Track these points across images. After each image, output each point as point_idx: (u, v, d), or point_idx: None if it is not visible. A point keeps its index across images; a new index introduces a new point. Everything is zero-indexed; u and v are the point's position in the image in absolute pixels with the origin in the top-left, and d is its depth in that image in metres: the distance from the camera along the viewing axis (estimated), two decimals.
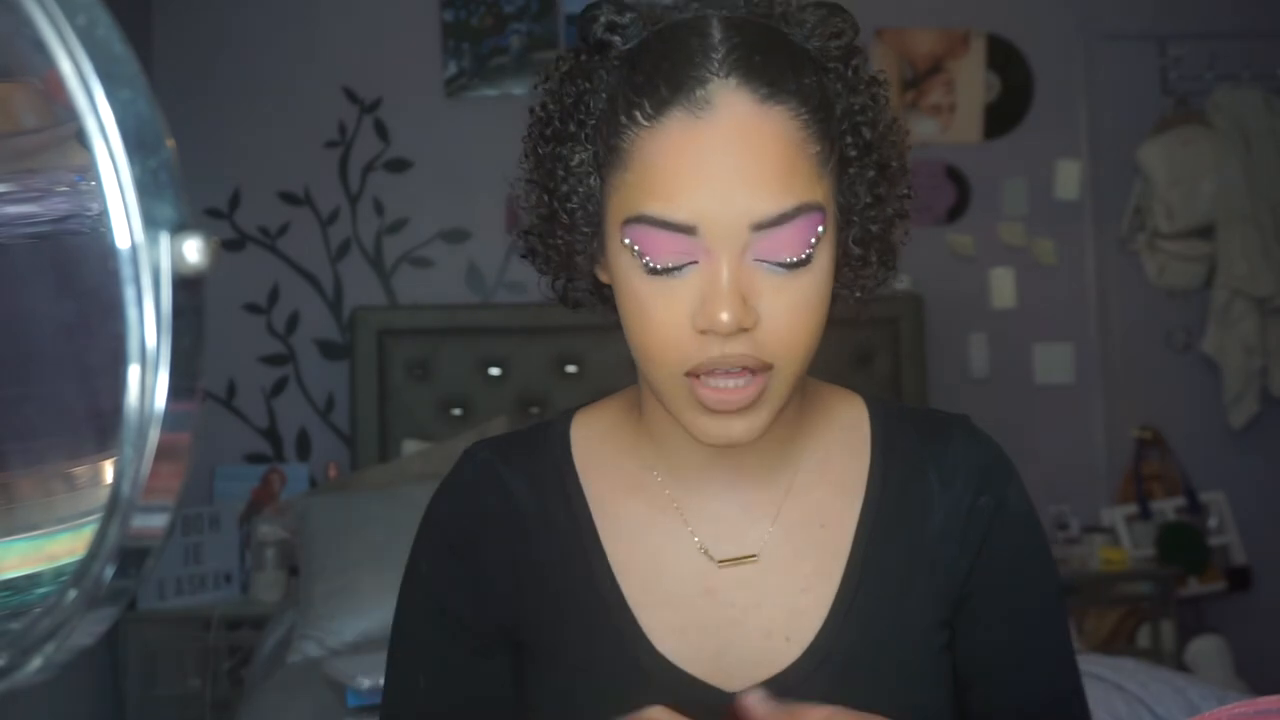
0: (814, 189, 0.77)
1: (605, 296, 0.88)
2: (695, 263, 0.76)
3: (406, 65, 3.54)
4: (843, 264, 0.84)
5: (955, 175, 3.73)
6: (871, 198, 0.81)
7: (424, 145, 3.53)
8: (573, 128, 0.81)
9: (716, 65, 0.76)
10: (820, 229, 0.77)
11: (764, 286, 0.76)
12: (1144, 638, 3.43)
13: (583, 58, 0.82)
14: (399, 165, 3.54)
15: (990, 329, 3.70)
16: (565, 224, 0.83)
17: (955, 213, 3.73)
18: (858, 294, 0.87)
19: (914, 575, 0.90)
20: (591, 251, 0.84)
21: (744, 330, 0.75)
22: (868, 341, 3.41)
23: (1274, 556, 3.71)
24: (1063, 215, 3.77)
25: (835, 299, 0.86)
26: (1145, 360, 3.78)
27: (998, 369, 3.69)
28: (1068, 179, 3.78)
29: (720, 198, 0.74)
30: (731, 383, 0.77)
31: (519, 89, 3.54)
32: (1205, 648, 3.48)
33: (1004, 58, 3.76)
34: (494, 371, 3.35)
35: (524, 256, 0.90)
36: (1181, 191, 3.68)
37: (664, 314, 0.77)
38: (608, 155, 0.79)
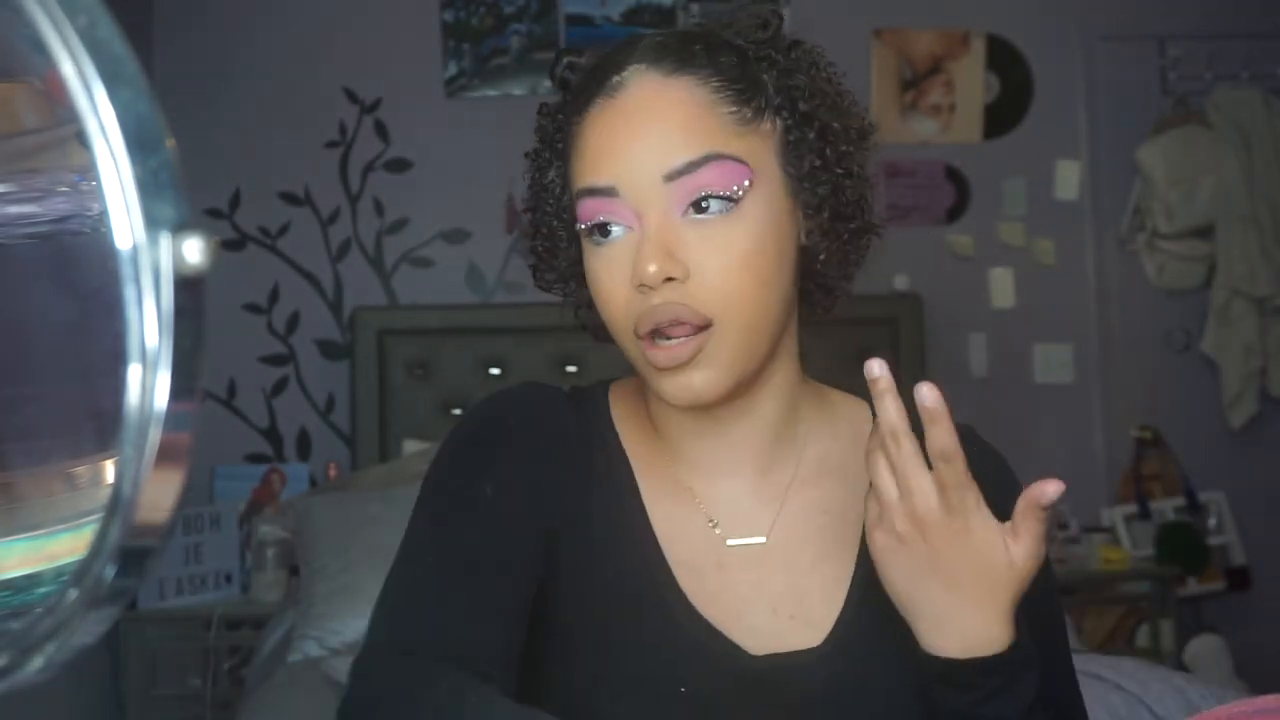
0: (730, 144, 0.83)
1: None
2: (631, 229, 0.83)
3: (406, 65, 3.55)
4: (808, 233, 0.89)
5: (955, 175, 3.73)
6: (819, 160, 0.87)
7: (424, 145, 3.53)
8: (547, 154, 0.92)
9: (633, 57, 0.86)
10: (746, 182, 0.83)
11: (693, 239, 0.82)
12: (1143, 637, 3.43)
13: (557, 98, 0.93)
14: (399, 165, 3.54)
15: (990, 329, 3.70)
16: (545, 234, 0.94)
17: (955, 213, 3.73)
18: (824, 257, 0.90)
19: None
20: (571, 256, 0.92)
21: (672, 280, 0.81)
22: (868, 341, 3.41)
23: (1273, 556, 3.72)
24: (1062, 215, 3.77)
25: (821, 283, 0.92)
26: (1145, 360, 3.78)
27: (997, 369, 3.69)
28: (1067, 179, 3.78)
29: (633, 157, 0.82)
30: (675, 340, 0.82)
31: (519, 89, 3.55)
32: (1204, 647, 3.48)
33: (1004, 58, 3.76)
34: (494, 371, 3.35)
35: (541, 288, 0.98)
36: (1181, 191, 3.68)
37: (608, 279, 0.84)
38: (565, 162, 0.89)
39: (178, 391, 0.30)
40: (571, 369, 3.34)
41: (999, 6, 3.77)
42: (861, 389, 1.01)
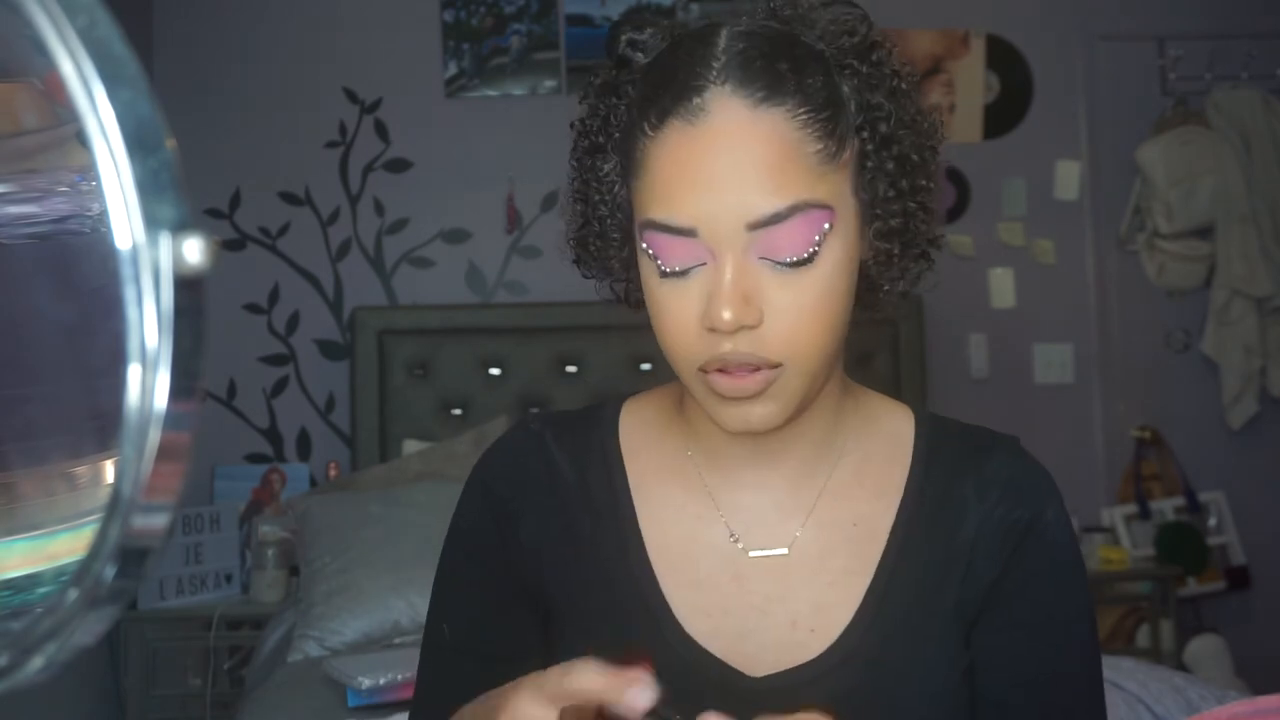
0: (815, 187, 0.79)
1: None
2: (704, 264, 0.79)
3: (406, 65, 3.55)
4: (871, 257, 0.86)
5: (955, 175, 3.73)
6: (893, 191, 0.84)
7: (424, 145, 3.53)
8: (602, 139, 0.87)
9: (714, 73, 0.79)
10: (826, 226, 0.79)
11: (768, 284, 0.79)
12: (1143, 637, 3.43)
13: (612, 73, 0.87)
14: (399, 165, 3.54)
15: (990, 329, 3.70)
16: (597, 230, 0.89)
17: (955, 213, 3.73)
18: (888, 287, 0.90)
19: (944, 582, 0.90)
20: (624, 257, 0.90)
21: (746, 328, 0.78)
22: (868, 341, 3.41)
23: (1273, 556, 3.72)
24: (1062, 215, 3.77)
25: (873, 294, 0.90)
26: (1145, 360, 3.78)
27: (997, 369, 3.69)
28: (1067, 179, 3.78)
29: (716, 200, 0.77)
30: (741, 374, 0.80)
31: (519, 89, 3.54)
32: (1204, 647, 3.48)
33: (1004, 58, 3.76)
34: (494, 371, 3.35)
35: (574, 262, 0.95)
36: (1181, 192, 3.68)
37: (676, 314, 0.81)
38: (628, 164, 0.84)
39: (178, 391, 0.30)
40: (571, 369, 3.33)
41: (999, 6, 3.77)
42: (909, 401, 1.01)
